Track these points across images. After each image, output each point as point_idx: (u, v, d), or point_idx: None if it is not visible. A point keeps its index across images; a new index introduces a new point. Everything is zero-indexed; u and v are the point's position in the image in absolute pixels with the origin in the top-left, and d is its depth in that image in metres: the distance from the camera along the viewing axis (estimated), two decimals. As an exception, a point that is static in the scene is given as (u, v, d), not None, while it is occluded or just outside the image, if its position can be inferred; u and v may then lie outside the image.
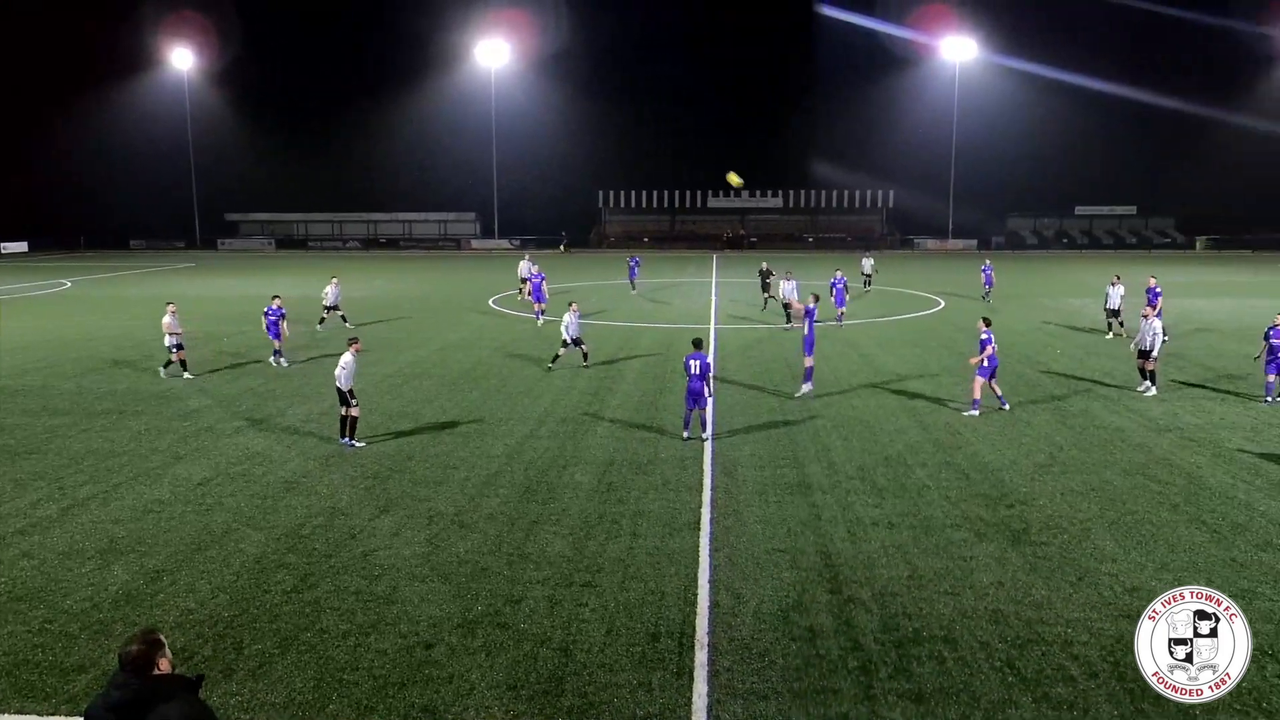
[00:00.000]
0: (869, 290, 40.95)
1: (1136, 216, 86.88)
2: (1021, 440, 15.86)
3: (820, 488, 13.33)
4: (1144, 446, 15.46)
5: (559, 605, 9.63)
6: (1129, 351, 20.98)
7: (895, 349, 25.68)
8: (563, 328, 22.74)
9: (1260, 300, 38.43)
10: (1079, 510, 12.32)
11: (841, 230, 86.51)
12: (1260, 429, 16.58)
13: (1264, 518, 12.00)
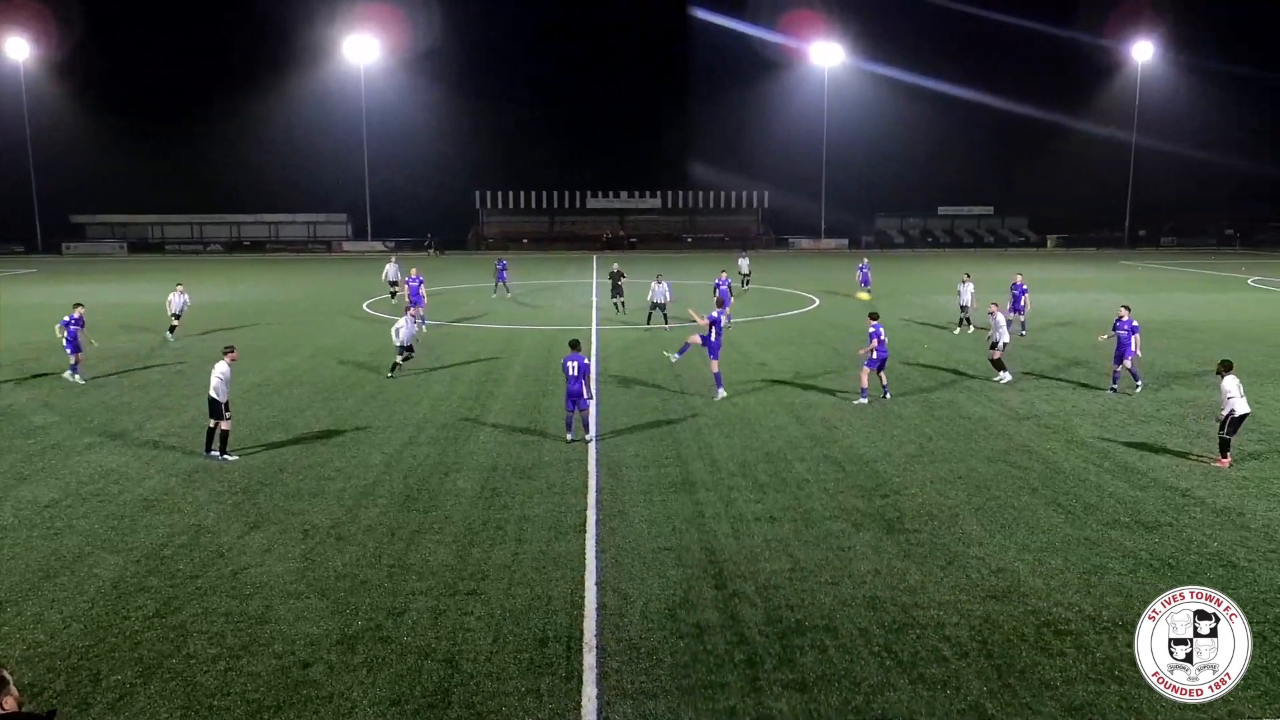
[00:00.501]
0: (747, 290, 41.87)
1: (993, 216, 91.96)
2: (893, 432, 16.54)
3: (704, 485, 13.54)
4: (1005, 434, 16.37)
5: (443, 615, 9.45)
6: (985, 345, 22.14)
7: (773, 347, 26.35)
8: (393, 331, 22.00)
9: (1104, 295, 41.25)
10: (947, 497, 12.94)
11: (719, 230, 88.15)
12: (1107, 415, 17.81)
13: (1112, 498, 12.90)
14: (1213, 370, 22.07)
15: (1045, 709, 7.74)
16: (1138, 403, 18.79)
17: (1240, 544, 11.18)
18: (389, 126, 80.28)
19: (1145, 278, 52.15)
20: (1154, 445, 15.61)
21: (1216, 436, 14.67)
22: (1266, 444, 15.67)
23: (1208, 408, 18.26)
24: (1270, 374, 21.88)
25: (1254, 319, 32.36)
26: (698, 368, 22.92)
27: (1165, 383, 20.75)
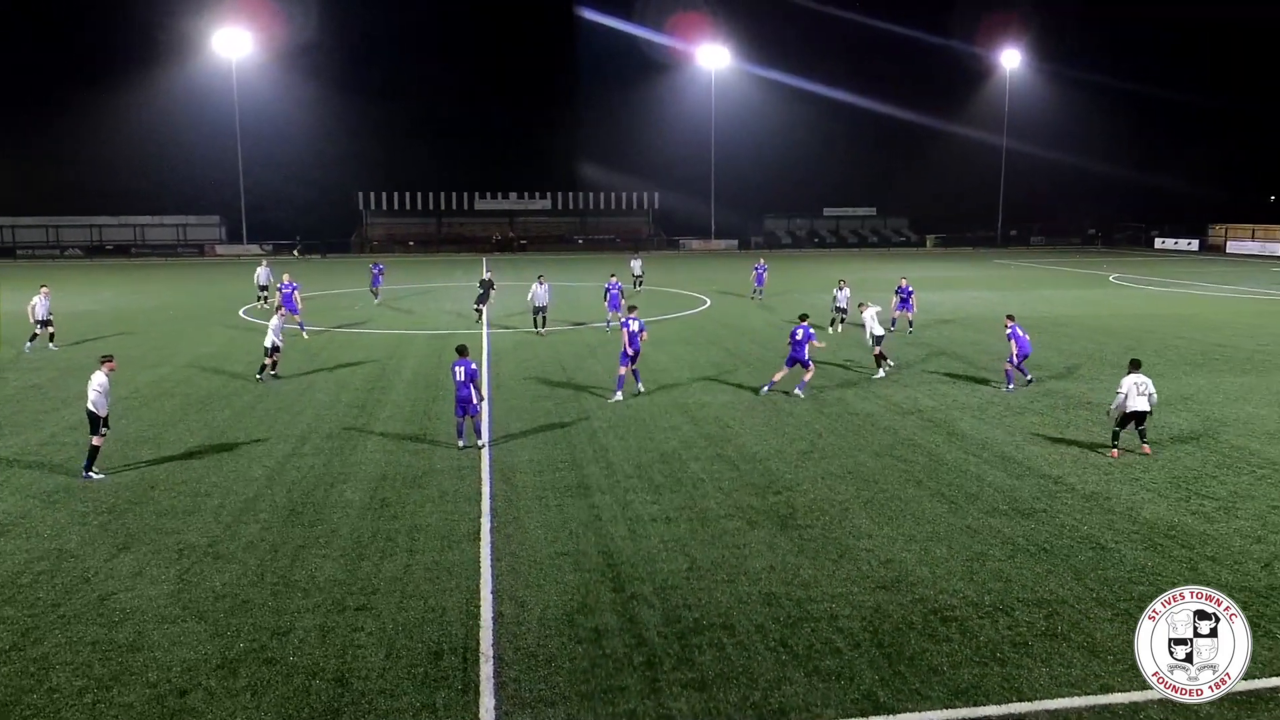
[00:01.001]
0: (640, 290, 42.13)
1: (876, 217, 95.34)
2: (785, 430, 16.92)
3: (599, 488, 13.55)
4: (891, 429, 16.98)
5: (332, 633, 9.17)
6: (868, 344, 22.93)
7: (666, 347, 26.59)
8: (271, 332, 21.54)
9: (981, 292, 43.26)
10: (838, 492, 13.33)
11: (610, 231, 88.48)
12: (985, 408, 18.68)
13: (992, 487, 13.54)
14: (1081, 364, 23.50)
15: (933, 693, 8.06)
16: (1013, 396, 19.77)
17: (1107, 526, 11.91)
18: (264, 124, 77.26)
19: (1017, 275, 54.94)
20: (1028, 436, 16.45)
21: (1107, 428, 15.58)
22: (1126, 431, 16.70)
23: (1076, 398, 19.39)
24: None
25: (1115, 314, 34.52)
26: (589, 369, 22.93)
27: (1037, 376, 21.88)
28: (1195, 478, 13.95)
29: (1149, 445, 15.28)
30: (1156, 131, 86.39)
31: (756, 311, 35.42)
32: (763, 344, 27.13)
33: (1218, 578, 10.30)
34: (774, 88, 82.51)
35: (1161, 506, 12.67)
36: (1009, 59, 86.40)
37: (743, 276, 53.00)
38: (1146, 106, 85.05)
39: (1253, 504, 12.76)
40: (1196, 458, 15.02)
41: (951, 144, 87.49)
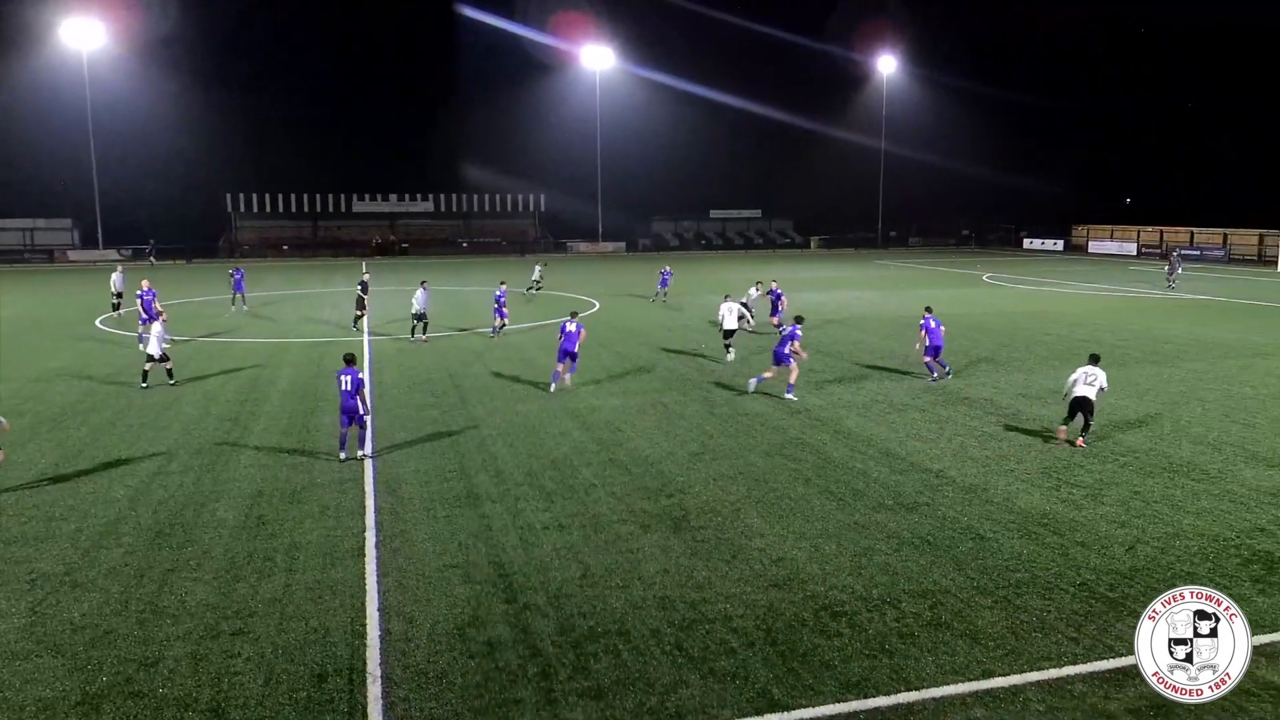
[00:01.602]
0: (532, 295, 41.81)
1: (761, 219, 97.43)
2: (676, 432, 17.11)
3: (489, 497, 13.40)
4: (780, 429, 17.37)
5: (205, 661, 8.76)
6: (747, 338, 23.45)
7: (554, 350, 26.44)
8: (155, 340, 21.06)
9: (864, 292, 44.74)
10: (729, 493, 13.56)
11: (496, 234, 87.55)
12: (869, 406, 19.34)
13: (877, 483, 14.02)
14: (958, 361, 24.59)
15: (826, 688, 8.28)
16: (894, 393, 20.53)
17: (986, 517, 12.50)
18: (121, 121, 73.04)
19: (897, 276, 57.09)
20: (910, 432, 17.11)
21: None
22: (1001, 425, 17.60)
23: (954, 394, 20.28)
24: (1004, 361, 24.60)
25: (988, 311, 36.28)
26: (476, 375, 22.67)
27: (918, 373, 22.79)
28: (1065, 467, 14.79)
29: (1085, 439, 15.88)
30: (1023, 136, 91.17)
31: (647, 313, 35.70)
32: (654, 347, 27.35)
33: (1086, 561, 10.94)
34: (659, 89, 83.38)
35: (1035, 496, 13.38)
36: (885, 64, 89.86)
37: (631, 278, 53.34)
38: (1013, 112, 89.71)
39: (1116, 490, 13.61)
40: (1066, 448, 15.91)
41: (833, 147, 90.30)
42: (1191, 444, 16.20)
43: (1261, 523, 12.25)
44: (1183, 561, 10.96)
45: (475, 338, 29.39)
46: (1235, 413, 18.53)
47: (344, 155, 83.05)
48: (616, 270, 61.68)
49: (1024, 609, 9.74)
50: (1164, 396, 20.14)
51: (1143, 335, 29.39)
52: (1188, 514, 12.61)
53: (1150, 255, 74.23)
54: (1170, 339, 28.55)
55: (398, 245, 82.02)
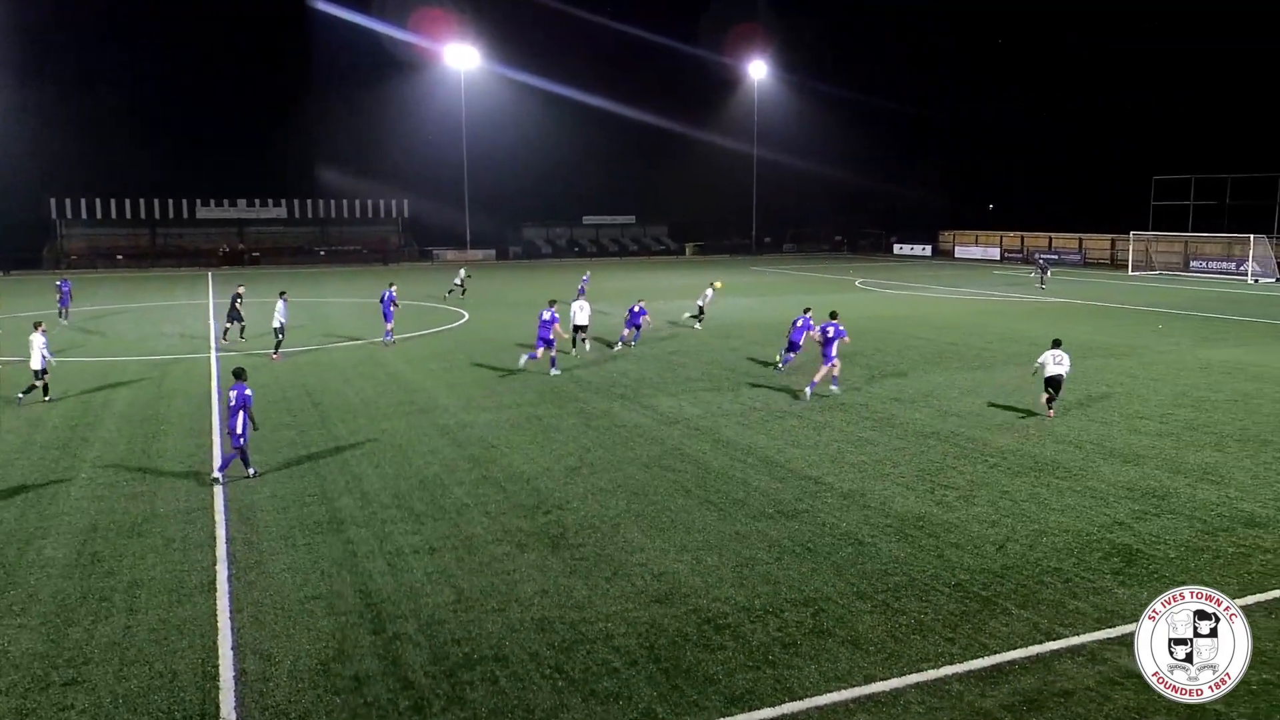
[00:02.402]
0: (452, 295, 41.28)
1: (635, 225, 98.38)
2: (552, 446, 17.04)
3: (354, 521, 13.00)
4: (659, 439, 17.54)
5: (32, 716, 8.15)
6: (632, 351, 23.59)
7: (422, 365, 26.01)
8: (38, 350, 20.83)
9: (739, 299, 45.70)
10: (609, 507, 13.59)
11: (355, 242, 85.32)
12: (748, 414, 19.75)
13: (758, 492, 14.32)
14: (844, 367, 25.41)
15: (710, 703, 8.38)
16: (773, 400, 21.05)
17: (864, 522, 12.94)
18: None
19: (772, 282, 58.63)
20: (789, 439, 17.57)
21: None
22: (877, 429, 18.29)
23: (830, 401, 20.94)
24: (878, 366, 25.59)
25: (861, 316, 37.64)
26: (337, 392, 22.02)
27: (794, 380, 23.43)
28: (938, 469, 15.48)
29: (1053, 411, 19.14)
30: (892, 143, 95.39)
31: (518, 324, 35.45)
32: (526, 358, 27.16)
33: (960, 561, 11.47)
34: (529, 91, 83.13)
35: (910, 499, 13.95)
36: (756, 69, 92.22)
37: (500, 287, 52.91)
38: (882, 118, 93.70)
39: (987, 491, 14.33)
40: (938, 450, 16.67)
41: (707, 152, 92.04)
42: (1055, 443, 17.22)
43: (1120, 516, 13.13)
44: (1050, 558, 11.62)
45: (338, 351, 28.52)
46: (1093, 411, 19.81)
47: (186, 157, 79.14)
48: (486, 279, 61.03)
49: (902, 612, 10.12)
50: (1029, 398, 21.32)
51: (1007, 338, 31.10)
52: (1053, 511, 13.39)
53: (1013, 259, 78.69)
54: (1033, 341, 30.29)
55: (247, 254, 78.70)
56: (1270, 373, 24.34)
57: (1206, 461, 15.92)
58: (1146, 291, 50.42)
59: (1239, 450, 16.67)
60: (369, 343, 30.29)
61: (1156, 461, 15.95)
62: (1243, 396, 21.33)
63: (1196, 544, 12.08)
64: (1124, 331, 32.86)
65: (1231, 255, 63.08)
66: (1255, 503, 13.71)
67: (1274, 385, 22.62)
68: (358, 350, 28.82)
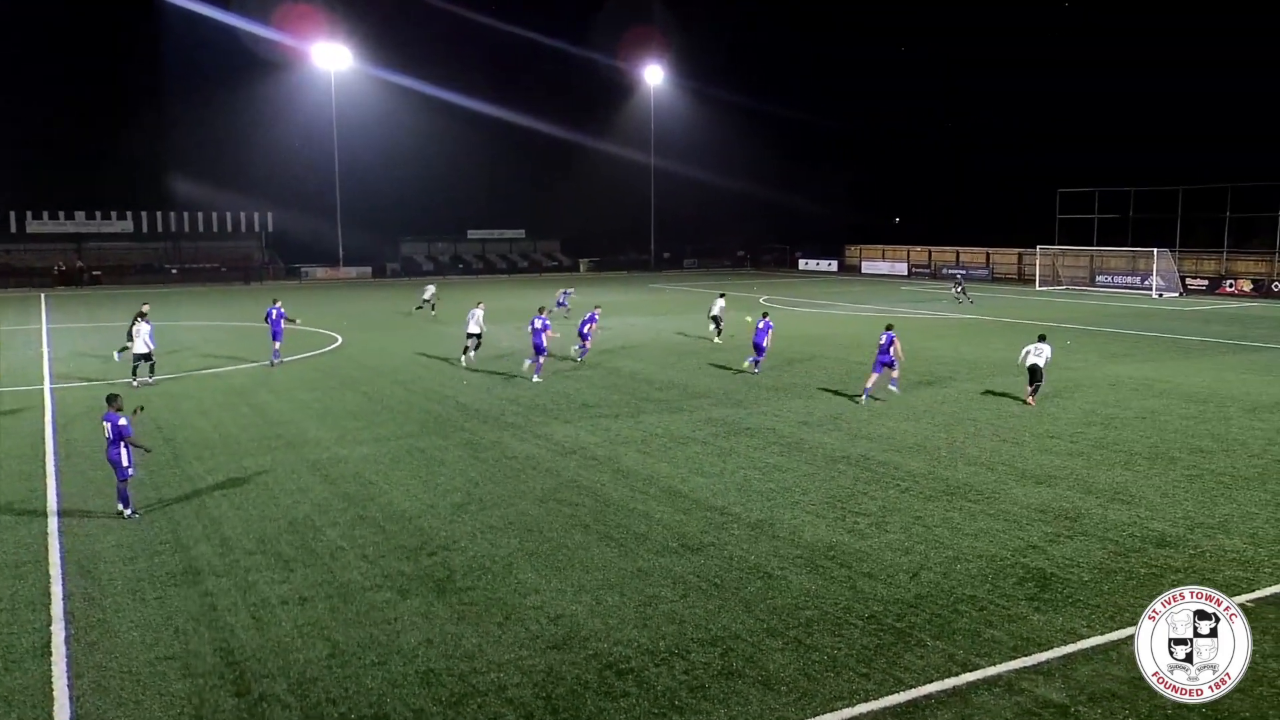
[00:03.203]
0: (418, 309, 40.42)
1: (526, 240, 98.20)
2: (437, 481, 16.78)
3: (213, 571, 12.53)
4: (554, 471, 17.46)
5: None
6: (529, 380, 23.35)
7: (290, 394, 25.32)
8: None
9: (639, 318, 46.00)
10: (500, 546, 13.44)
11: (212, 259, 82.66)
12: (649, 441, 19.85)
13: (660, 525, 14.38)
14: (738, 389, 25.79)
15: (613, 756, 8.33)
16: (675, 426, 21.22)
17: (774, 554, 13.12)
18: None
19: (673, 299, 59.25)
20: (693, 467, 17.72)
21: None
22: (785, 455, 18.61)
23: (736, 425, 21.24)
24: (784, 388, 26.08)
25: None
26: (194, 427, 21.27)
27: (697, 404, 23.68)
28: (849, 495, 15.84)
29: (1034, 399, 23.31)
30: (796, 154, 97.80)
31: (399, 346, 34.88)
32: (408, 384, 26.75)
33: (874, 592, 11.74)
34: (407, 95, 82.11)
35: (821, 527, 14.22)
36: (652, 75, 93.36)
37: (378, 307, 52.02)
38: (785, 129, 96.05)
39: (899, 517, 14.73)
40: (849, 475, 17.06)
41: (602, 162, 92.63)
42: (967, 465, 17.83)
43: (1033, 540, 13.66)
44: (964, 585, 12.00)
45: (193, 381, 27.50)
46: (1004, 431, 20.61)
47: (14, 166, 75.37)
48: (362, 298, 59.93)
49: (815, 648, 10.28)
50: (939, 418, 22.07)
51: (915, 357, 32.08)
52: (967, 536, 13.84)
53: (920, 275, 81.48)
54: (941, 359, 31.39)
55: (86, 273, 75.27)
56: (1176, 388, 25.77)
57: (1117, 481, 16.72)
58: (1054, 307, 52.85)
59: (1148, 468, 17.57)
60: (231, 370, 29.33)
61: (1068, 482, 16.67)
62: (1150, 413, 22.51)
63: (1109, 566, 12.65)
64: (1033, 348, 34.33)
65: (1136, 269, 66.72)
66: (1165, 522, 14.45)
67: (1180, 401, 23.95)
68: (217, 379, 27.87)
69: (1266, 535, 13.81)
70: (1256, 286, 61.02)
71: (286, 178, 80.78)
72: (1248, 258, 65.75)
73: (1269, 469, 17.48)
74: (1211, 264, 66.35)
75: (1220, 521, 14.48)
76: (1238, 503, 15.42)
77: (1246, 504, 15.35)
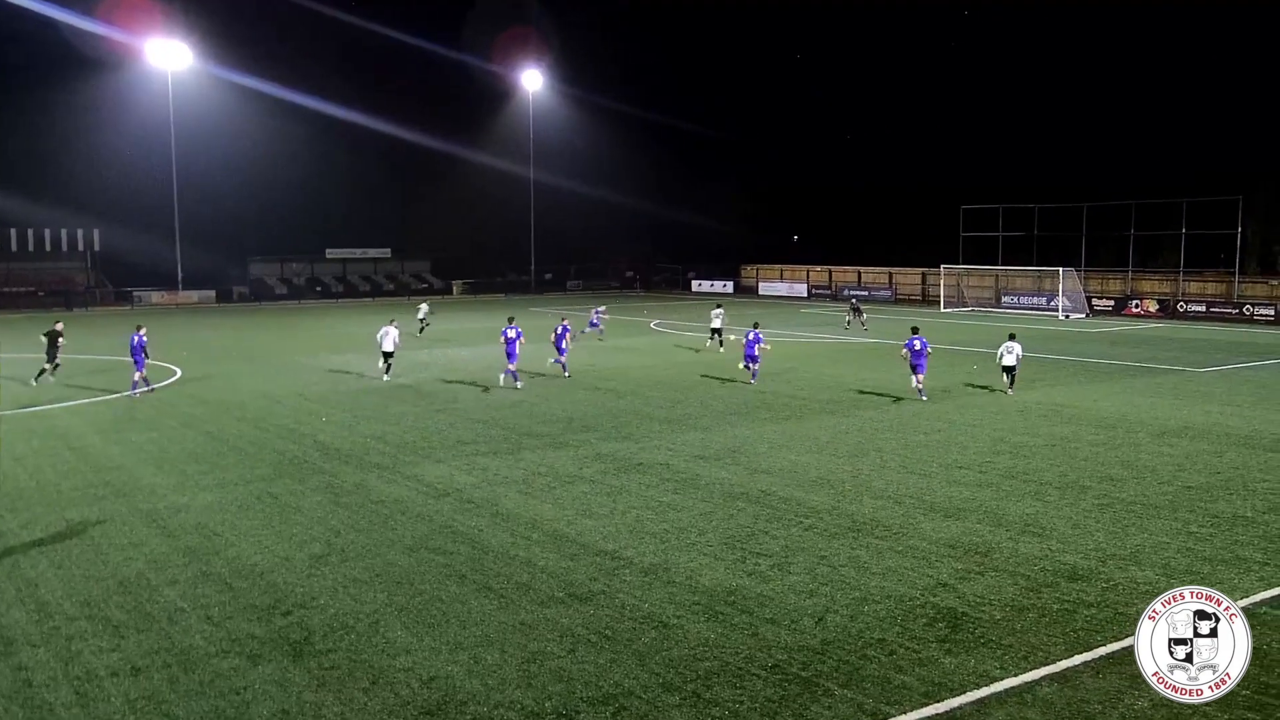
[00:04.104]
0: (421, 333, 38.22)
1: (392, 260, 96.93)
2: (292, 531, 16.34)
3: (28, 640, 11.92)
4: (425, 516, 17.20)
5: None
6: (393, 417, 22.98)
7: (120, 435, 24.37)
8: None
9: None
10: (365, 602, 13.14)
11: (28, 281, 79.08)
12: (531, 480, 19.75)
13: (545, 572, 14.28)
14: (630, 422, 25.91)
15: (495, 833, 8.19)
16: (560, 463, 21.17)
17: (669, 601, 13.16)
18: None
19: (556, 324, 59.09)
20: (580, 509, 17.68)
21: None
22: (680, 492, 18.75)
23: (627, 460, 21.31)
24: (678, 420, 26.30)
25: (659, 364, 38.67)
26: (7, 474, 20.27)
27: (584, 438, 23.67)
28: (749, 535, 16.03)
29: (1012, 390, 30.03)
30: (688, 167, 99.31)
31: (247, 381, 33.95)
32: (258, 422, 26.03)
33: (777, 640, 11.88)
34: (257, 99, 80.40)
35: (719, 570, 14.34)
36: (531, 80, 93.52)
37: (222, 334, 50.59)
38: (676, 140, 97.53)
39: (803, 557, 14.96)
40: (749, 514, 17.27)
41: (477, 174, 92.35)
42: (873, 499, 18.26)
43: (943, 577, 14.05)
44: (873, 628, 12.25)
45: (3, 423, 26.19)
46: (911, 463, 21.20)
47: None
48: (205, 325, 58.16)
49: (715, 702, 10.33)
50: (843, 449, 22.56)
51: (816, 384, 32.83)
52: (874, 575, 14.15)
53: (821, 296, 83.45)
54: (844, 386, 32.16)
55: None
56: (1085, 414, 26.95)
57: (1027, 512, 17.36)
58: (960, 329, 54.76)
59: (1059, 498, 18.30)
60: (54, 408, 28.04)
61: (978, 515, 17.23)
62: (1060, 440, 23.47)
63: (1021, 602, 13.10)
64: (939, 373, 35.41)
65: (1042, 289, 69.75)
66: (1077, 554, 15.06)
67: (1090, 428, 25.05)
68: (36, 420, 26.61)
69: (1178, 566, 14.51)
70: (1162, 307, 64.41)
71: (117, 191, 77.94)
72: (1153, 277, 69.49)
73: (1179, 496, 18.41)
74: (1117, 283, 69.82)
75: (1132, 552, 15.16)
76: (1149, 532, 16.18)
77: (1158, 533, 16.12)
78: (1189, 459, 21.53)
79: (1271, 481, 19.52)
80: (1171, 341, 48.04)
